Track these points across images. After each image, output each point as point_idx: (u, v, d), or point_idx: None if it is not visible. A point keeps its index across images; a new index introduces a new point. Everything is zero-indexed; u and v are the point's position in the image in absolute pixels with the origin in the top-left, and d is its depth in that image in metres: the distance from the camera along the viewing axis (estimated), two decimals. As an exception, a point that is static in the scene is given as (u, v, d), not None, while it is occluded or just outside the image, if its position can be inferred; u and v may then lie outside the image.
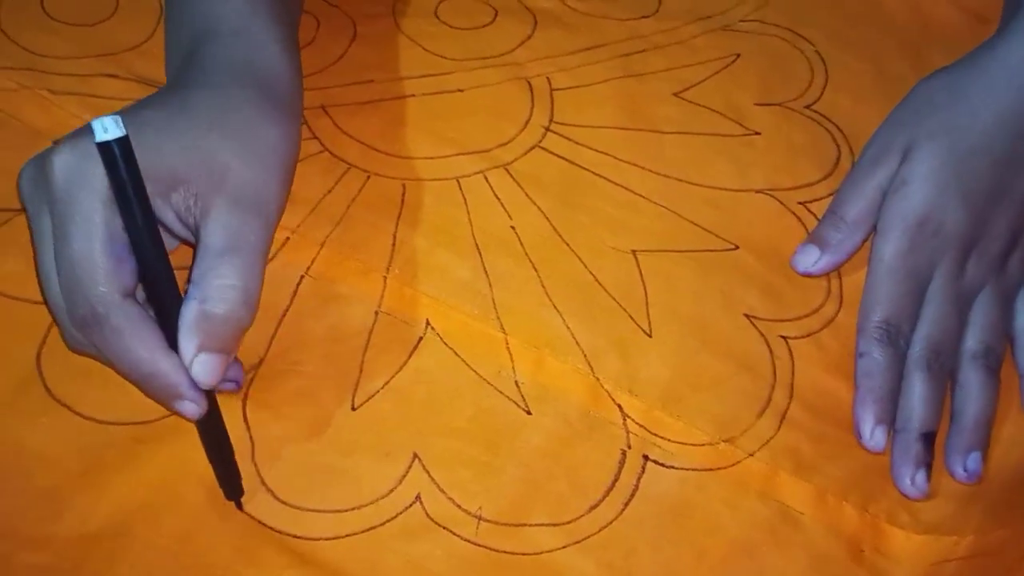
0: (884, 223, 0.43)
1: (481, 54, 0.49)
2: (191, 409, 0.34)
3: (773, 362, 0.41)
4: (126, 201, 0.31)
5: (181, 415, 0.34)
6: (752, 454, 0.38)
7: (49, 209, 0.33)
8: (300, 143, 0.40)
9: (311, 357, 0.39)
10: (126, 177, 0.31)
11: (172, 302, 0.33)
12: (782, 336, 0.42)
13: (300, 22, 0.46)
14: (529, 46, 0.49)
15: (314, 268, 0.41)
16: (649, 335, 0.41)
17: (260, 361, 0.39)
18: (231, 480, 0.36)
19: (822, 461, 0.39)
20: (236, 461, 0.36)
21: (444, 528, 0.36)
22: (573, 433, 0.38)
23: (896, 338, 0.41)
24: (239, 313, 0.34)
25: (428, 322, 0.40)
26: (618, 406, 0.39)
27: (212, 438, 0.35)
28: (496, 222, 0.43)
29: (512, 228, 0.43)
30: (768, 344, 0.41)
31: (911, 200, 0.43)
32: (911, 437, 0.39)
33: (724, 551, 0.36)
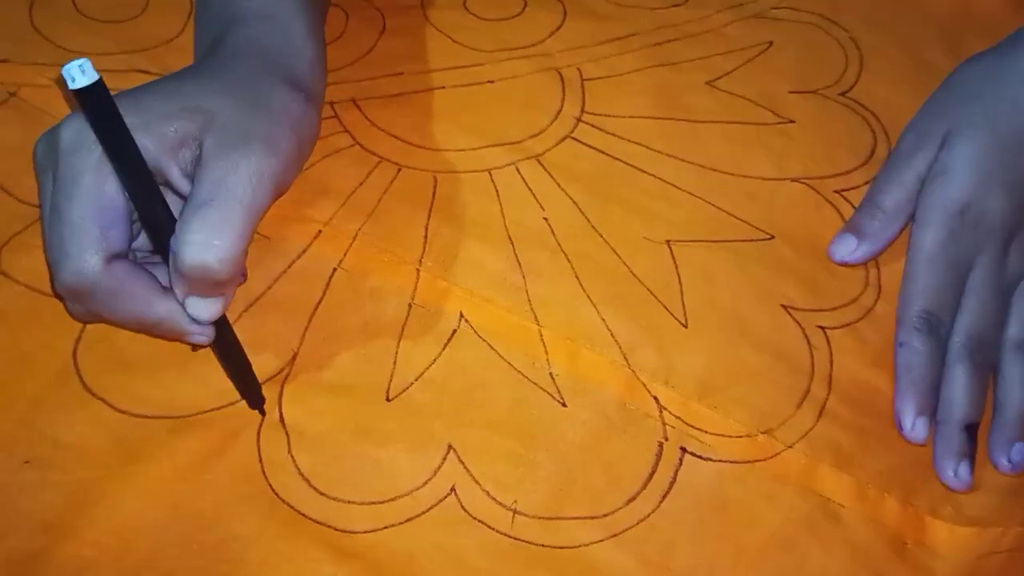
0: (923, 212, 0.42)
1: (511, 45, 0.48)
2: (200, 340, 0.36)
3: (811, 353, 0.40)
4: (109, 143, 0.32)
5: (194, 345, 0.36)
6: (791, 446, 0.38)
7: (53, 176, 0.34)
8: (318, 129, 0.40)
9: (345, 349, 0.39)
10: (105, 120, 0.31)
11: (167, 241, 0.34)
12: (820, 326, 0.41)
13: (328, 12, 0.46)
14: (559, 36, 0.49)
15: (347, 261, 0.41)
16: (685, 326, 0.40)
17: (294, 355, 0.38)
18: (252, 391, 0.37)
19: (862, 453, 0.38)
20: (254, 372, 0.37)
21: (480, 521, 0.36)
22: (609, 426, 0.38)
23: (937, 328, 0.40)
24: (209, 265, 0.33)
25: (462, 314, 0.40)
26: (654, 398, 0.39)
27: (227, 355, 0.37)
28: (529, 213, 0.43)
29: (545, 219, 0.43)
30: (806, 335, 0.41)
31: (951, 188, 0.42)
32: (953, 429, 0.39)
33: (763, 545, 0.36)
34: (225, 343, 0.36)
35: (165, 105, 0.35)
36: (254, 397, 0.37)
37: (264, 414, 0.37)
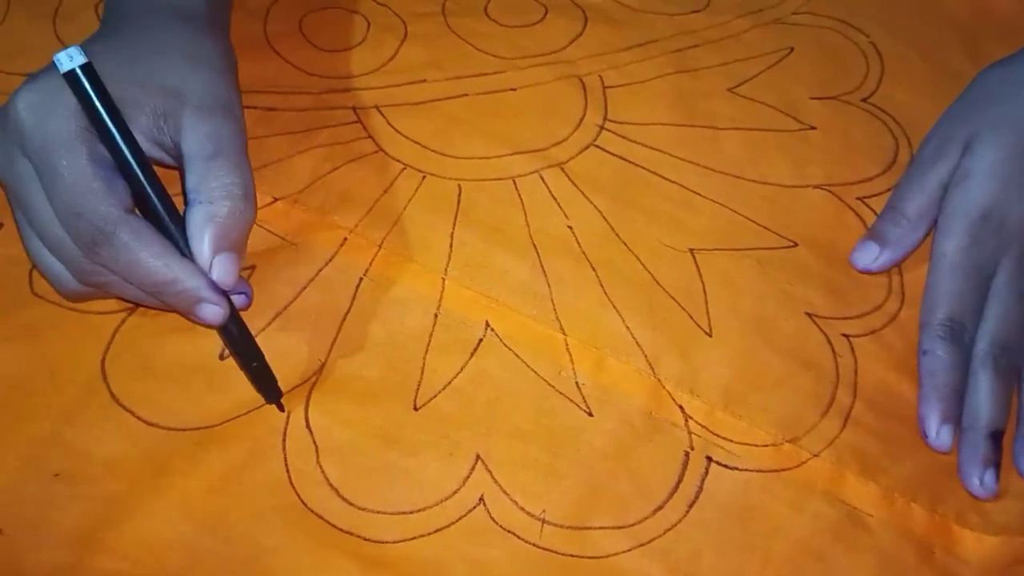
0: (946, 218, 0.42)
1: (532, 52, 0.49)
2: (213, 312, 0.35)
3: (836, 360, 0.40)
4: (103, 123, 0.33)
5: (204, 322, 0.35)
6: (817, 454, 0.38)
7: (23, 150, 0.34)
8: (235, 53, 0.42)
9: (372, 359, 0.39)
10: (99, 100, 0.33)
11: (170, 214, 0.35)
12: (844, 334, 0.41)
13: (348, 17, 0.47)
14: (580, 43, 0.49)
15: (373, 269, 0.41)
16: (709, 335, 0.40)
17: (321, 365, 0.39)
18: (267, 384, 0.37)
19: (888, 461, 0.38)
20: (268, 364, 0.36)
21: (509, 531, 0.36)
22: (635, 435, 0.38)
23: (960, 335, 0.40)
24: (243, 208, 0.35)
25: (487, 323, 0.40)
26: (680, 407, 0.39)
27: (240, 345, 0.36)
28: (553, 222, 0.43)
29: (569, 228, 0.43)
30: (830, 342, 0.41)
31: (973, 194, 0.42)
32: (978, 436, 0.39)
33: (791, 554, 0.36)
34: (236, 330, 0.36)
35: (113, 73, 0.35)
36: (270, 390, 0.37)
37: (283, 409, 0.37)
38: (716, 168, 0.45)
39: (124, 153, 0.34)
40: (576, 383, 0.39)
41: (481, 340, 0.40)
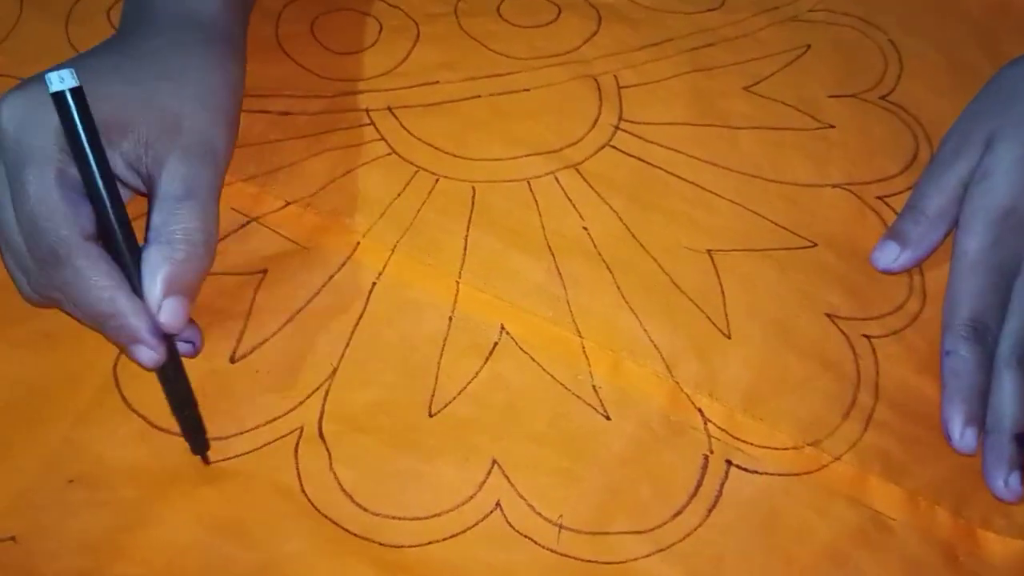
0: (967, 216, 0.42)
1: (546, 52, 0.48)
2: (148, 355, 0.34)
3: (857, 362, 0.40)
4: (81, 150, 0.33)
5: (138, 363, 0.35)
6: (839, 457, 0.37)
7: (0, 156, 0.34)
8: (244, 83, 0.41)
9: (386, 363, 0.38)
10: (81, 126, 0.32)
11: (131, 249, 0.34)
12: (865, 335, 0.40)
13: (361, 20, 0.46)
14: (594, 43, 0.49)
15: (386, 273, 0.41)
16: (728, 336, 0.40)
17: (334, 370, 0.38)
18: (196, 434, 0.36)
19: (912, 463, 0.38)
20: (200, 415, 0.36)
21: (526, 537, 0.35)
22: (654, 438, 0.37)
23: (983, 335, 0.40)
24: (201, 254, 0.35)
25: (503, 326, 0.40)
26: (698, 410, 0.38)
27: (174, 392, 0.36)
28: (568, 223, 0.42)
29: (585, 229, 0.42)
30: (851, 344, 0.40)
31: (995, 192, 0.41)
32: (1003, 438, 0.38)
33: (814, 558, 0.35)
34: (172, 376, 0.35)
35: (111, 91, 0.35)
36: (197, 441, 0.36)
37: (207, 462, 0.36)
38: (733, 168, 0.45)
39: (96, 184, 0.33)
40: (593, 386, 0.38)
41: (496, 343, 0.39)
